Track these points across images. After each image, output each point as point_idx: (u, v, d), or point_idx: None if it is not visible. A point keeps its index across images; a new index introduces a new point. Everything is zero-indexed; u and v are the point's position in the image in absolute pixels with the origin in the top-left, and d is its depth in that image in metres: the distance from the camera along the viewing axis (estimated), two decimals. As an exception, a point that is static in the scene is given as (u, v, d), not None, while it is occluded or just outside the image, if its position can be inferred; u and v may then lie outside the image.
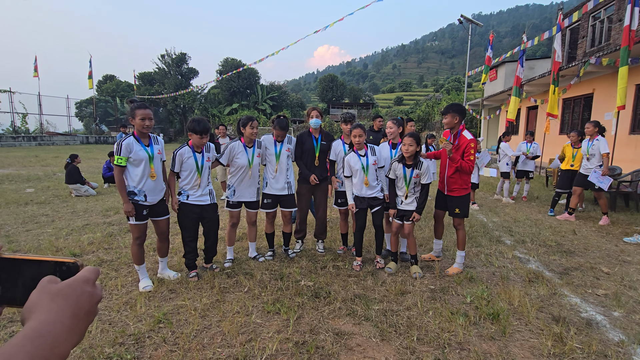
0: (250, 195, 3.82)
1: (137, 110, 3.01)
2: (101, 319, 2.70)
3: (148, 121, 3.05)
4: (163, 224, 3.33)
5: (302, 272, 3.64)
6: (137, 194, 3.07)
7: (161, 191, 3.29)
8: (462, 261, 3.71)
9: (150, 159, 3.12)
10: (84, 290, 0.49)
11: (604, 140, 5.62)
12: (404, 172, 3.55)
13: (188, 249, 3.45)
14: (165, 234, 3.37)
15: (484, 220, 5.97)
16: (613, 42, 11.52)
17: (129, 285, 3.30)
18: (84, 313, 0.47)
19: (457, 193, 3.64)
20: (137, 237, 3.16)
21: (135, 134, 3.09)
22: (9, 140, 26.83)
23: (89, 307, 0.48)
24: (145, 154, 3.07)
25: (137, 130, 3.08)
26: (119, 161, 2.97)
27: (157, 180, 3.19)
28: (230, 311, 2.82)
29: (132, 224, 3.11)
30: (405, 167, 3.54)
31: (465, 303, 3.00)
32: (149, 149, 3.13)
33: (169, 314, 2.78)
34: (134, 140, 3.06)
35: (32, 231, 5.04)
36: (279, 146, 3.88)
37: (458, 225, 3.71)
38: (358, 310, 2.83)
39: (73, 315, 0.46)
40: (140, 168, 3.06)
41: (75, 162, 8.02)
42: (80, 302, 0.47)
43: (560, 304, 3.02)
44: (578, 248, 4.51)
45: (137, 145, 3.06)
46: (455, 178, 3.62)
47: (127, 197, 3.04)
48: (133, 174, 3.06)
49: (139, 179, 3.07)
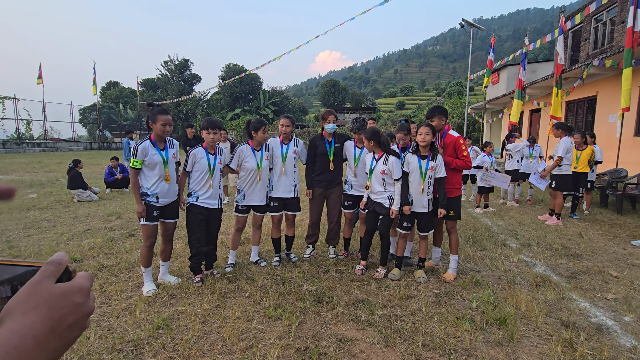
0: (261, 199, 3.78)
1: (159, 115, 3.10)
2: (100, 325, 2.65)
3: (168, 127, 3.17)
4: (170, 225, 3.38)
5: (304, 276, 3.59)
6: (149, 195, 3.14)
7: (174, 194, 3.34)
8: (456, 266, 3.61)
9: (164, 163, 3.20)
10: (73, 302, 0.42)
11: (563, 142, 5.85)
12: (418, 164, 3.41)
13: (195, 252, 3.41)
14: (170, 234, 3.39)
15: (488, 223, 5.89)
16: (616, 44, 11.47)
17: (129, 290, 3.26)
18: (65, 327, 0.41)
19: (450, 194, 3.56)
20: (147, 237, 3.21)
21: (152, 137, 3.17)
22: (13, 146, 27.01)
23: (73, 321, 0.42)
24: (159, 158, 3.15)
25: (156, 135, 3.17)
26: (135, 164, 3.07)
27: (171, 183, 3.26)
28: (231, 317, 2.77)
29: (142, 224, 3.15)
30: (420, 158, 3.42)
31: (471, 308, 2.93)
32: (164, 152, 3.22)
33: (168, 319, 2.73)
34: (150, 144, 3.14)
35: (33, 236, 5.02)
36: (285, 148, 3.84)
37: (451, 229, 3.63)
38: (361, 316, 2.77)
39: (51, 331, 0.39)
40: (154, 171, 3.15)
41: (77, 168, 8.03)
42: (64, 315, 0.41)
43: (569, 308, 2.94)
44: (585, 251, 4.43)
45: (153, 149, 3.14)
46: (447, 178, 3.54)
47: (140, 199, 3.11)
48: (148, 176, 3.14)
49: (154, 182, 3.15)
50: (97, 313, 2.82)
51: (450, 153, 3.57)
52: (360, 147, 3.94)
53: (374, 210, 3.57)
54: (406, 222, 3.53)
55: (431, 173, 3.44)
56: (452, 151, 3.56)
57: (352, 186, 3.98)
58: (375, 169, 3.52)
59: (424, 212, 3.49)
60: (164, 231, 3.36)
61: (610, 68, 9.68)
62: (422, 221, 3.53)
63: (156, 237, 3.27)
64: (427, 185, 3.44)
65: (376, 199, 3.55)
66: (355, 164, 3.92)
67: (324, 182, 4.00)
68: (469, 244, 4.68)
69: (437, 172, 3.46)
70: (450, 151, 3.56)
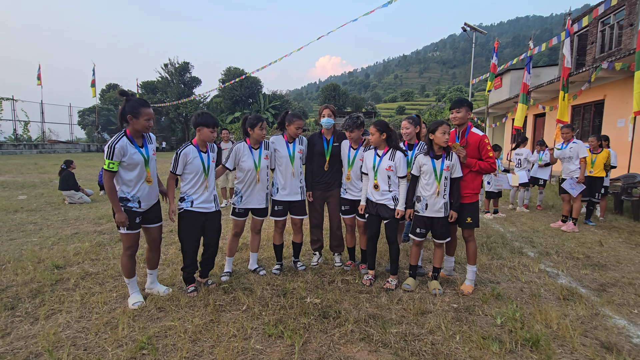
0: (259, 202, 3.45)
1: (143, 109, 2.69)
2: (76, 343, 2.32)
3: (152, 122, 2.77)
4: (155, 231, 2.98)
5: (308, 287, 3.26)
6: (130, 200, 2.73)
7: (156, 196, 2.96)
8: (474, 277, 3.28)
9: (145, 162, 2.79)
10: None
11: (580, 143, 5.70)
12: (432, 165, 3.10)
13: (188, 262, 3.08)
14: (157, 242, 3.01)
15: (500, 230, 5.58)
16: (624, 47, 11.26)
17: (113, 302, 2.93)
18: None
19: (469, 200, 3.20)
20: (128, 247, 2.80)
21: (129, 133, 2.72)
22: (10, 148, 26.70)
23: None
24: (140, 157, 2.73)
25: (136, 130, 2.74)
26: (111, 166, 2.60)
27: (153, 185, 2.87)
28: (225, 334, 2.44)
29: (123, 233, 2.75)
30: (434, 158, 3.11)
31: (495, 325, 2.61)
32: (144, 150, 2.79)
33: (154, 337, 2.40)
34: (128, 142, 2.68)
35: (16, 240, 4.69)
36: (291, 147, 3.53)
37: (469, 237, 3.28)
38: (374, 334, 2.44)
39: None
40: (134, 172, 2.72)
41: (70, 168, 7.73)
42: None
43: (605, 326, 2.62)
44: (609, 261, 4.12)
45: (132, 147, 2.70)
46: (467, 182, 3.20)
47: (119, 206, 2.66)
48: (126, 179, 2.70)
49: (134, 185, 2.73)
50: (74, 329, 2.49)
51: (473, 154, 3.19)
52: (355, 148, 3.57)
53: (377, 213, 3.27)
54: (419, 228, 3.21)
55: (447, 173, 3.13)
56: (475, 151, 3.18)
57: (346, 190, 3.64)
58: (379, 165, 3.22)
59: (440, 217, 3.17)
60: (150, 240, 2.98)
61: (620, 71, 9.45)
62: (438, 227, 3.19)
63: (138, 244, 2.88)
64: (443, 187, 3.12)
65: (379, 200, 3.25)
66: (350, 167, 3.55)
67: (321, 184, 3.68)
68: (484, 252, 4.36)
69: (453, 172, 3.15)
70: (474, 151, 3.18)
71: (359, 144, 3.56)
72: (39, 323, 2.57)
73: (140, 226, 2.84)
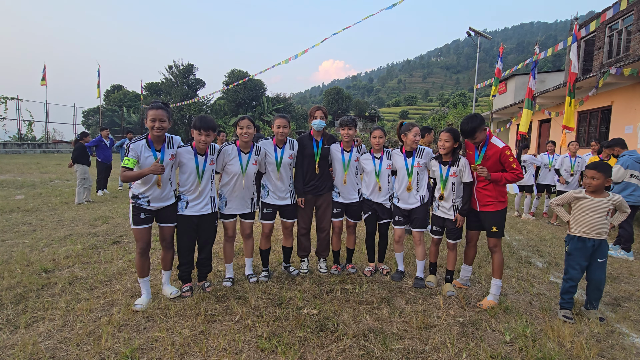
0: (243, 207, 3.33)
1: (148, 111, 2.74)
2: (55, 355, 2.18)
3: (159, 122, 2.70)
4: (167, 231, 3.00)
5: (305, 296, 3.10)
6: (140, 198, 2.78)
7: (169, 199, 2.92)
8: (499, 292, 3.09)
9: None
10: None
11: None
12: (440, 170, 3.27)
13: (184, 260, 3.10)
14: (167, 240, 3.04)
15: (506, 238, 5.40)
16: (632, 53, 11.08)
17: (100, 309, 2.78)
18: None
19: (493, 207, 3.06)
20: (137, 241, 2.83)
21: (149, 137, 2.80)
22: (14, 147, 26.78)
23: None
24: (152, 161, 2.73)
25: (152, 134, 2.78)
26: (126, 162, 2.67)
27: (164, 189, 2.85)
28: (215, 348, 2.29)
29: (132, 228, 2.81)
30: (442, 164, 3.26)
31: (505, 342, 2.44)
32: (160, 154, 2.80)
33: (139, 349, 2.25)
34: (145, 145, 2.75)
35: (7, 241, 4.56)
36: (279, 152, 3.39)
37: (494, 247, 3.11)
38: (374, 351, 2.28)
39: None
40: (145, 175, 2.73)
41: (83, 141, 7.95)
42: None
43: (622, 346, 2.44)
44: (622, 273, 3.93)
45: (147, 151, 2.75)
46: (490, 189, 3.06)
47: (144, 172, 2.65)
48: (137, 181, 2.76)
49: (145, 186, 2.77)
50: (55, 339, 2.35)
51: (495, 168, 3.00)
52: (348, 151, 3.54)
53: (374, 212, 3.61)
54: (435, 227, 3.42)
55: (454, 179, 3.19)
56: (497, 165, 3.00)
57: (339, 193, 3.59)
58: (381, 169, 3.51)
59: (450, 219, 3.31)
60: (161, 237, 3.02)
61: (628, 77, 9.27)
62: (448, 227, 3.35)
63: (148, 242, 2.86)
64: (448, 192, 3.25)
65: (377, 199, 3.57)
66: (346, 171, 3.53)
67: (311, 188, 3.55)
68: (490, 261, 4.18)
69: (463, 177, 3.19)
70: (496, 165, 2.99)
71: (351, 146, 3.58)
72: (19, 332, 2.43)
73: (148, 223, 2.85)
